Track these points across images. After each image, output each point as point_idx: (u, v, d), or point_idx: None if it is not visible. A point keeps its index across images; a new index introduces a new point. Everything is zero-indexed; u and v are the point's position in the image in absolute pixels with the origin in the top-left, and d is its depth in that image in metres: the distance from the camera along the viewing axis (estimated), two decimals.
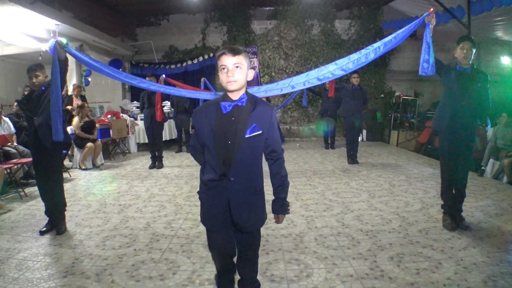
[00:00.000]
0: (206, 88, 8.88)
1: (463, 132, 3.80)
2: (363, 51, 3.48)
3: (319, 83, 3.61)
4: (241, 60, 2.02)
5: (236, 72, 2.02)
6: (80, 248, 3.57)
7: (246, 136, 2.05)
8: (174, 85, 7.97)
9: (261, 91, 3.84)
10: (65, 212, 4.17)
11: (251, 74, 2.12)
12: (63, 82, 3.84)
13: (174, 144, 10.42)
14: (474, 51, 3.74)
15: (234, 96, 2.09)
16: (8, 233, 4.02)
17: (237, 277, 2.50)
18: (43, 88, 3.94)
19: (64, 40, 3.64)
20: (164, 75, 7.40)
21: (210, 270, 3.06)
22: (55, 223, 4.05)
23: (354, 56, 3.53)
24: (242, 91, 2.10)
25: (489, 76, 3.82)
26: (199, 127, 2.17)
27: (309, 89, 8.93)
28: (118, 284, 2.87)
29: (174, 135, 10.36)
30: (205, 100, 4.36)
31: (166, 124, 9.80)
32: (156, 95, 7.19)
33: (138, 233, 3.95)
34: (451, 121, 3.81)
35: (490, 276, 2.84)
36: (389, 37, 3.45)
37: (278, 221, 2.25)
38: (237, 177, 2.08)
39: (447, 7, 8.52)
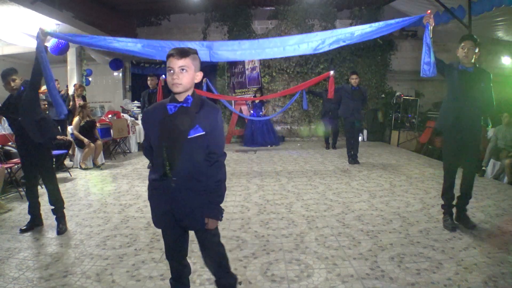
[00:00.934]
0: (208, 89, 8.88)
1: (467, 132, 3.80)
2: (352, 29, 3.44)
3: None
4: (187, 63, 2.04)
5: (181, 75, 2.03)
6: (81, 248, 3.57)
7: (189, 136, 2.05)
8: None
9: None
10: (66, 212, 4.18)
11: (199, 76, 2.14)
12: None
13: None
14: (476, 50, 3.71)
15: (180, 98, 2.11)
16: (9, 232, 4.03)
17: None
18: (21, 88, 3.96)
19: (47, 29, 3.72)
20: (163, 76, 7.38)
21: None
22: (41, 221, 4.19)
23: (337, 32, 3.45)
24: (189, 93, 2.11)
25: (491, 75, 3.79)
26: (147, 128, 2.23)
27: (309, 91, 8.91)
28: (118, 284, 2.87)
29: None
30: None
31: None
32: (157, 95, 7.20)
33: (138, 232, 3.95)
34: (455, 121, 3.81)
35: (491, 277, 2.84)
36: (382, 23, 3.46)
37: (208, 225, 2.18)
38: (179, 177, 2.08)
39: (447, 7, 8.51)
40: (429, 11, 3.65)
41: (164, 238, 2.31)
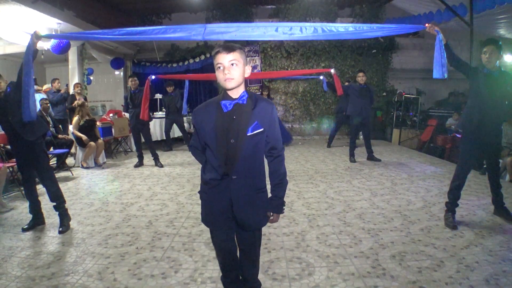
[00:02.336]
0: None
1: (489, 135, 3.82)
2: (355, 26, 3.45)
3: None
4: (236, 56, 2.00)
5: (232, 69, 1.99)
6: (82, 247, 3.58)
7: (248, 134, 2.03)
8: (163, 81, 8.08)
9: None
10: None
11: (248, 71, 2.09)
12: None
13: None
14: (500, 53, 3.71)
15: (234, 94, 2.06)
16: (11, 231, 4.04)
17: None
18: (8, 89, 3.95)
19: (41, 33, 3.72)
20: (153, 76, 7.41)
21: (212, 269, 3.06)
22: (43, 220, 4.20)
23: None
24: (242, 89, 2.08)
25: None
26: (200, 127, 2.14)
27: (328, 82, 8.82)
28: (120, 283, 2.87)
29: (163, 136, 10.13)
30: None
31: (157, 125, 9.82)
32: (142, 95, 7.16)
33: (140, 231, 3.96)
34: (478, 124, 3.81)
35: (492, 275, 2.84)
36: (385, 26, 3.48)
37: (273, 220, 2.23)
38: (239, 176, 2.07)
39: (449, 5, 8.49)
40: (427, 25, 3.67)
41: (215, 236, 2.29)
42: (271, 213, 2.21)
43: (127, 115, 9.85)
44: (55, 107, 8.80)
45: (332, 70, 7.76)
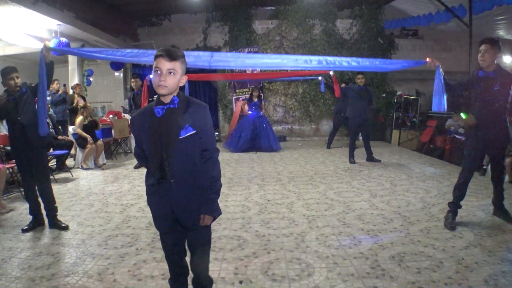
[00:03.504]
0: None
1: (490, 135, 3.79)
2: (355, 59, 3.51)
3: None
4: (176, 66, 2.03)
5: (168, 77, 2.02)
6: (82, 248, 3.58)
7: (181, 137, 2.06)
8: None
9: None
10: (67, 212, 4.22)
11: (184, 80, 2.13)
12: (49, 83, 3.97)
13: None
14: (496, 52, 3.69)
15: (166, 99, 2.09)
16: (11, 232, 4.04)
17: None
18: (23, 90, 3.98)
19: (51, 44, 3.75)
20: (149, 76, 7.44)
21: (211, 269, 3.06)
22: (54, 222, 4.16)
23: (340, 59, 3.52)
24: (174, 94, 2.10)
25: (509, 76, 3.73)
26: (137, 134, 2.20)
27: (326, 83, 8.85)
28: (120, 283, 2.88)
29: None
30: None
31: None
32: (141, 96, 7.23)
33: (140, 232, 3.97)
34: (479, 127, 3.82)
35: (492, 275, 2.84)
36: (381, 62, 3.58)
37: (203, 221, 2.18)
38: (177, 179, 2.09)
39: (448, 6, 8.51)
40: (427, 59, 3.71)
41: (163, 240, 2.34)
42: (203, 216, 2.18)
43: (127, 116, 9.89)
44: (54, 108, 8.81)
45: (331, 72, 7.77)
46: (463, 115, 3.74)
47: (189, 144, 2.09)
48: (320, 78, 9.02)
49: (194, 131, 2.08)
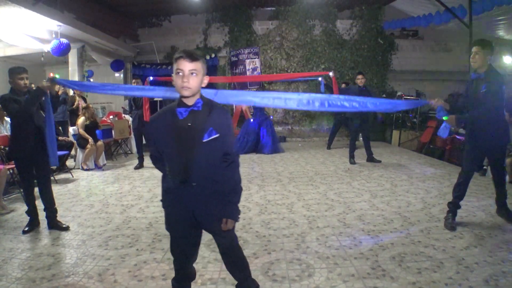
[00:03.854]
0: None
1: (485, 137, 3.78)
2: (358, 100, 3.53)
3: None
4: (197, 67, 2.02)
5: (191, 78, 2.00)
6: (83, 248, 3.58)
7: (204, 140, 2.04)
8: (164, 82, 8.25)
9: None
10: (67, 213, 4.22)
11: (206, 81, 2.11)
12: (54, 111, 4.14)
13: None
14: (485, 53, 3.67)
15: (189, 102, 2.07)
16: (11, 233, 4.04)
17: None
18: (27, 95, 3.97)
19: (56, 76, 3.84)
20: (150, 77, 7.49)
21: (212, 270, 3.07)
22: (54, 223, 4.16)
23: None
24: (197, 96, 2.08)
25: (499, 77, 3.69)
26: (156, 136, 2.16)
27: (326, 84, 8.88)
28: (120, 284, 2.88)
29: None
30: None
31: None
32: (142, 97, 7.29)
33: (140, 233, 3.97)
34: (471, 126, 3.86)
35: (492, 275, 2.84)
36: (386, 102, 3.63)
37: (225, 226, 2.17)
38: (198, 182, 2.07)
39: (448, 7, 8.52)
40: (433, 101, 3.77)
41: (175, 244, 2.29)
42: (225, 220, 2.16)
43: (127, 117, 9.90)
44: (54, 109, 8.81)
45: (331, 73, 7.77)
46: (444, 118, 3.75)
47: (212, 148, 2.07)
48: (320, 79, 9.02)
49: (218, 135, 2.06)
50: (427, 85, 12.45)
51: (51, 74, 3.88)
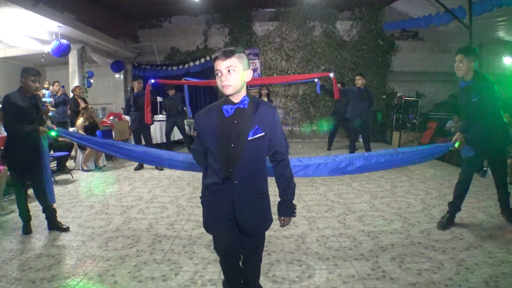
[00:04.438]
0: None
1: (480, 141, 3.75)
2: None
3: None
4: (234, 62, 1.99)
5: (229, 75, 1.99)
6: (83, 249, 3.58)
7: (249, 138, 2.03)
8: (164, 84, 8.45)
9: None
10: (68, 213, 4.23)
11: (249, 75, 2.08)
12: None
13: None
14: (469, 60, 3.63)
15: (235, 99, 2.06)
16: (11, 234, 4.04)
17: None
18: (33, 100, 3.97)
19: (52, 129, 4.03)
20: (152, 80, 7.50)
21: (213, 271, 3.07)
22: (54, 224, 4.16)
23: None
24: (243, 93, 2.07)
25: (488, 83, 3.63)
26: (202, 131, 2.15)
27: (323, 86, 8.90)
28: (120, 285, 2.88)
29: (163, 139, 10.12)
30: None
31: (157, 127, 9.85)
32: (141, 98, 7.30)
33: (140, 234, 3.97)
34: (467, 137, 3.83)
35: (492, 277, 2.85)
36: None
37: (283, 224, 2.21)
38: (240, 180, 2.07)
39: (448, 8, 8.52)
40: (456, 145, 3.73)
41: (217, 243, 2.28)
42: (282, 217, 2.20)
43: (127, 118, 9.89)
44: (55, 109, 8.83)
45: (331, 74, 7.77)
46: (456, 145, 3.72)
47: (257, 146, 2.07)
48: (316, 80, 9.02)
49: (263, 133, 2.05)
50: (427, 86, 12.45)
51: (42, 129, 3.91)
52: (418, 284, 2.78)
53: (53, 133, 4.02)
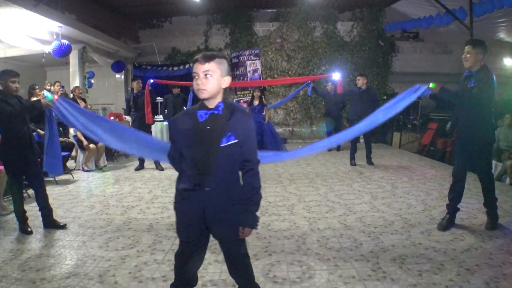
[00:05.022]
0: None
1: (466, 133, 3.81)
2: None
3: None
4: (212, 67, 1.97)
5: (205, 80, 1.97)
6: (83, 249, 3.58)
7: (222, 145, 2.00)
8: (165, 85, 8.46)
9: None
10: (68, 214, 4.25)
11: (227, 81, 2.05)
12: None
13: None
14: (476, 52, 3.67)
15: (211, 104, 2.03)
16: (11, 234, 4.04)
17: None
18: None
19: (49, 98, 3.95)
20: (151, 80, 7.48)
21: (213, 272, 3.07)
22: (50, 222, 4.19)
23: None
24: (219, 99, 2.05)
25: (489, 75, 3.65)
26: (176, 136, 2.14)
27: (314, 88, 8.94)
28: (121, 285, 2.88)
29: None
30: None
31: (158, 128, 9.87)
32: (140, 98, 7.30)
33: (141, 234, 3.96)
34: (459, 128, 3.89)
35: (493, 278, 2.84)
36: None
37: (243, 235, 2.13)
38: (212, 187, 2.03)
39: (449, 9, 8.52)
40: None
41: (182, 249, 2.24)
42: (243, 228, 2.11)
43: (128, 118, 9.89)
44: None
45: (336, 75, 7.77)
46: (431, 85, 3.70)
47: (230, 153, 2.02)
48: (309, 82, 9.04)
49: (236, 140, 2.01)
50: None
51: (56, 97, 3.89)
52: (418, 285, 2.78)
53: (49, 96, 4.03)
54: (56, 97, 3.90)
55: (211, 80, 1.98)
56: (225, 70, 2.04)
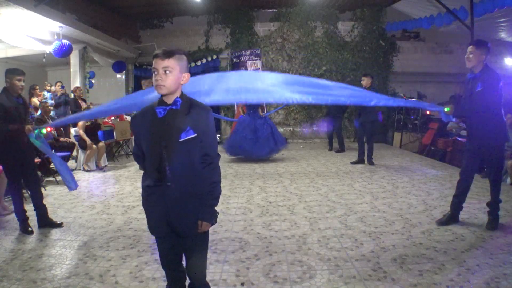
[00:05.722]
0: None
1: (478, 135, 3.80)
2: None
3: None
4: (171, 63, 1.98)
5: (164, 76, 1.98)
6: (84, 249, 3.58)
7: (181, 139, 2.01)
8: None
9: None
10: (69, 214, 4.26)
11: (186, 78, 2.07)
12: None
13: None
14: (479, 53, 3.68)
15: (169, 100, 2.05)
16: (12, 234, 4.05)
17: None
18: (21, 100, 4.04)
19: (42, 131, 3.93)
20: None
21: (213, 271, 3.07)
22: (45, 221, 4.21)
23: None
24: (177, 94, 2.06)
25: (495, 75, 3.68)
26: (137, 133, 2.16)
27: None
28: (121, 285, 2.88)
29: None
30: None
31: None
32: None
33: (141, 234, 3.96)
34: (469, 125, 3.90)
35: (493, 278, 2.84)
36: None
37: (201, 228, 2.13)
38: (174, 182, 2.04)
39: (450, 9, 8.52)
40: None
41: (159, 245, 2.25)
42: (201, 222, 2.11)
43: (128, 118, 9.90)
44: (55, 109, 8.84)
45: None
46: (445, 109, 3.76)
47: (189, 148, 2.04)
48: None
49: (195, 135, 2.03)
50: (428, 87, 12.44)
51: (48, 129, 3.93)
52: (419, 285, 2.77)
53: (43, 130, 3.98)
54: (49, 129, 3.91)
55: (170, 76, 1.99)
56: (184, 67, 2.06)
